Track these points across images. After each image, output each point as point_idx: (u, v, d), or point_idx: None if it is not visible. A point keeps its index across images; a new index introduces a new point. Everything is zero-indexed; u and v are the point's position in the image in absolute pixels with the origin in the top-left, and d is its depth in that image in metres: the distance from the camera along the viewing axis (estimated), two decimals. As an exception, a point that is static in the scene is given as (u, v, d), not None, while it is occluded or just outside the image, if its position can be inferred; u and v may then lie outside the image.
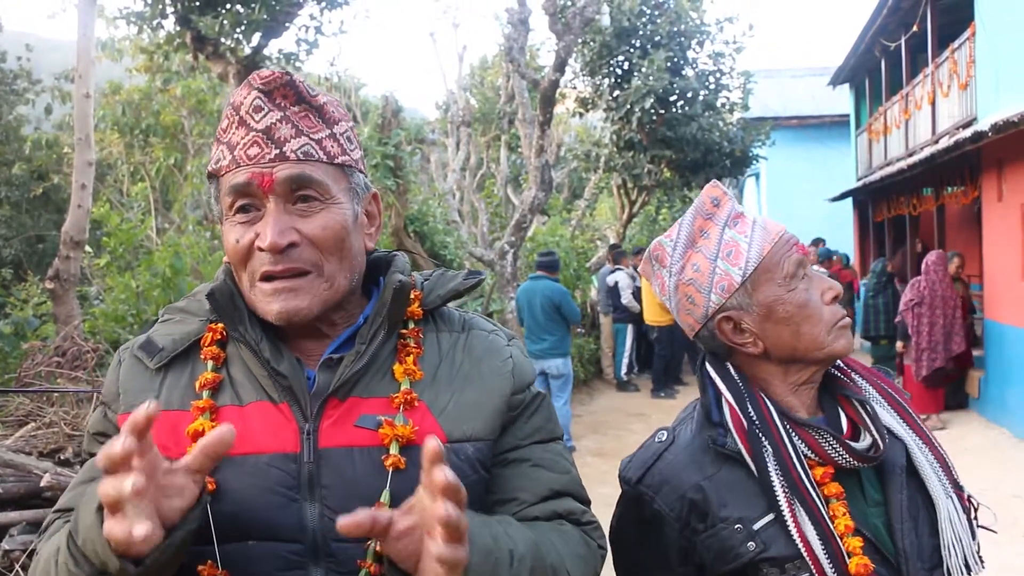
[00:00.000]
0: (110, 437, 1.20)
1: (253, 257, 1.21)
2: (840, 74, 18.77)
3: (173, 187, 16.10)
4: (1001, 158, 9.31)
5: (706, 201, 1.50)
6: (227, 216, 1.24)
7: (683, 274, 1.49)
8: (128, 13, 8.19)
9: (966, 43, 10.64)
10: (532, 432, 1.33)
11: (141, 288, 7.30)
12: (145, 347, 1.28)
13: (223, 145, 1.24)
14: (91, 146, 7.29)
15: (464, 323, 1.38)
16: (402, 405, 1.22)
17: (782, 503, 1.39)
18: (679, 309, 1.53)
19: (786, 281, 1.44)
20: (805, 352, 1.45)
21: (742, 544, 1.41)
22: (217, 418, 1.21)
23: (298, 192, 1.21)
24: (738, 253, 1.45)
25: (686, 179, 16.43)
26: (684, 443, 1.52)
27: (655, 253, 1.54)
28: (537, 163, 10.18)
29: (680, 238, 1.50)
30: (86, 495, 1.08)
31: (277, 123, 1.21)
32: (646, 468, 1.52)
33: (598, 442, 9.24)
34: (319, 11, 8.70)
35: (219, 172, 1.24)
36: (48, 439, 4.35)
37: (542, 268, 8.86)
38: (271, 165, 1.19)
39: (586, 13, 9.88)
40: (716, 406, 1.49)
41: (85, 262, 9.49)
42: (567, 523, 1.29)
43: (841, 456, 1.41)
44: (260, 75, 1.23)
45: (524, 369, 1.36)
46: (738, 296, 1.45)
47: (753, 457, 1.41)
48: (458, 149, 17.73)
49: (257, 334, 1.23)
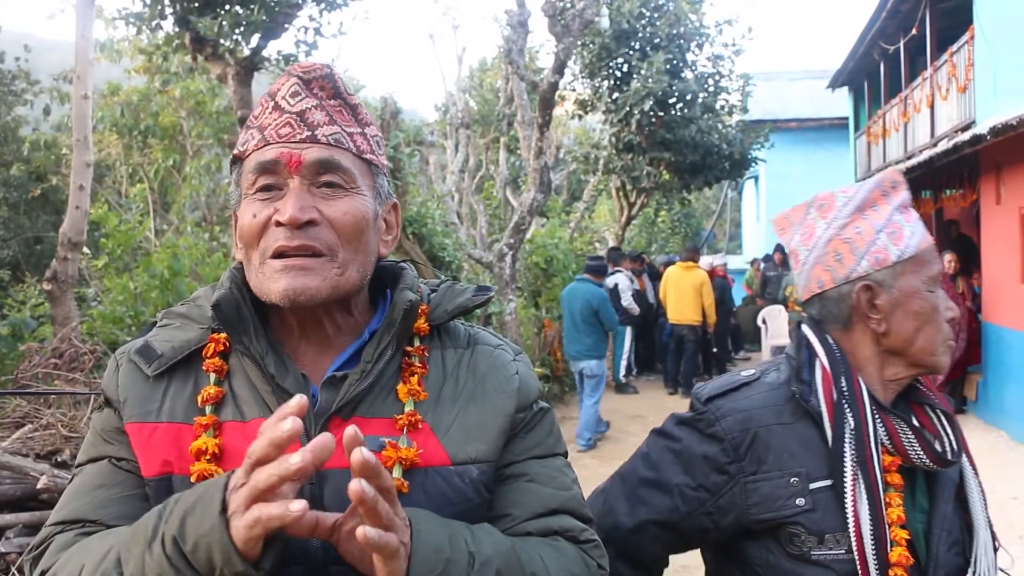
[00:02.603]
0: (123, 440, 1.21)
1: (268, 233, 1.18)
2: (839, 77, 18.78)
3: (172, 188, 16.07)
4: (999, 161, 9.31)
5: (887, 179, 1.54)
6: (247, 194, 1.21)
7: (844, 231, 1.51)
8: (127, 14, 8.17)
9: (965, 47, 10.65)
10: (530, 447, 1.30)
11: (139, 290, 7.28)
12: (143, 352, 1.25)
13: (253, 129, 1.22)
14: (89, 147, 7.28)
15: (469, 338, 1.34)
16: (406, 427, 1.19)
17: (847, 475, 1.42)
18: (816, 261, 1.54)
19: (928, 281, 1.50)
20: (917, 352, 1.50)
21: (791, 497, 1.45)
22: (220, 435, 1.18)
23: (324, 176, 1.19)
24: (901, 236, 1.49)
25: (685, 181, 16.44)
26: (768, 385, 1.56)
27: (821, 201, 1.56)
28: (536, 165, 10.17)
29: (854, 199, 1.53)
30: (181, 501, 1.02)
31: (312, 109, 1.20)
32: (722, 391, 1.57)
33: (596, 443, 9.22)
34: (318, 12, 8.68)
35: (245, 153, 1.22)
36: (45, 441, 4.34)
37: (588, 271, 9.35)
38: (300, 145, 1.18)
39: (585, 15, 9.87)
40: (808, 367, 1.53)
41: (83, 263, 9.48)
42: (563, 540, 1.24)
43: (915, 452, 1.45)
44: (300, 64, 1.23)
45: (529, 386, 1.32)
46: (886, 273, 1.48)
47: (833, 424, 1.45)
48: (457, 151, 17.74)
49: (263, 347, 1.20)
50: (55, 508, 1.22)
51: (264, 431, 0.96)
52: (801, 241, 1.57)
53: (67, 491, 1.23)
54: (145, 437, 1.19)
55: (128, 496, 1.19)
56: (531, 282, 12.95)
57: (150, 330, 1.30)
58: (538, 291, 12.86)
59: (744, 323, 16.27)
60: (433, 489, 1.18)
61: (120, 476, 1.21)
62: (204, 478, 1.13)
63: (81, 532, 1.16)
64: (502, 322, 9.88)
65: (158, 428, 1.19)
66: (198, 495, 1.01)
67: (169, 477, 1.17)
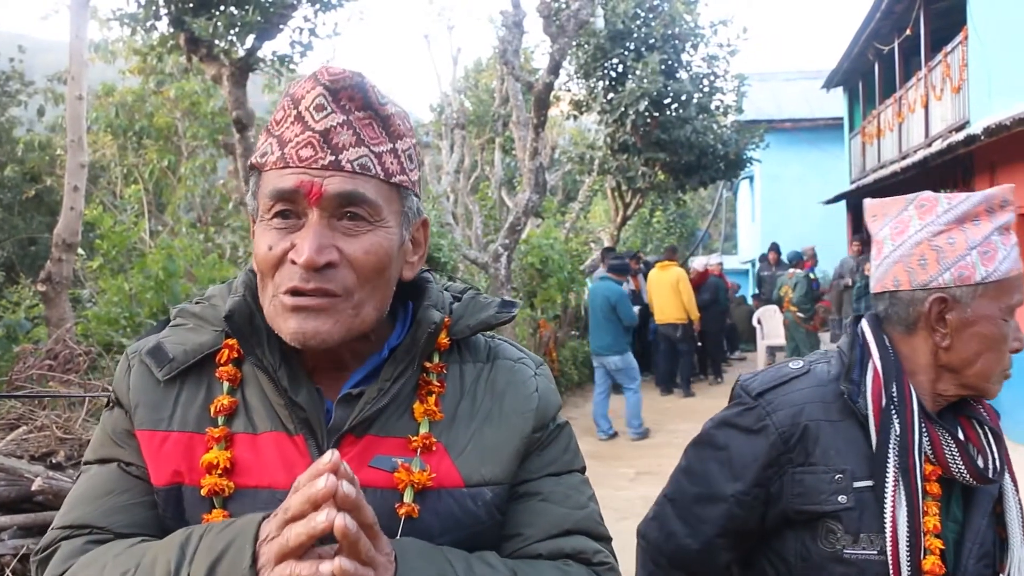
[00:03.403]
0: (133, 444, 1.18)
1: (283, 268, 1.10)
2: (834, 77, 18.82)
3: (167, 189, 16.05)
4: (994, 161, 9.34)
5: (997, 197, 1.50)
6: (263, 218, 1.13)
7: (936, 238, 1.48)
8: (121, 15, 8.16)
9: (959, 47, 10.68)
10: (545, 465, 1.24)
11: (134, 291, 7.27)
12: (154, 354, 1.20)
13: (273, 138, 1.12)
14: (84, 148, 7.28)
15: (489, 351, 1.28)
16: (420, 449, 1.15)
17: (888, 480, 1.43)
18: (899, 258, 1.51)
19: (1005, 310, 1.47)
20: (973, 375, 1.49)
21: (834, 494, 1.46)
22: (231, 446, 1.14)
23: (346, 208, 1.10)
24: (993, 257, 1.46)
25: (680, 182, 16.46)
26: (818, 379, 1.55)
27: (923, 201, 1.52)
28: (531, 166, 10.17)
29: (956, 208, 1.49)
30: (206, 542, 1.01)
31: (337, 127, 1.09)
32: (773, 385, 1.56)
33: (592, 444, 9.23)
34: (313, 13, 8.67)
35: (264, 166, 1.13)
36: (40, 443, 4.33)
37: (610, 270, 9.68)
38: (322, 173, 1.08)
39: (580, 16, 9.87)
40: (860, 367, 1.52)
41: (78, 264, 9.47)
42: (574, 563, 1.19)
43: (956, 465, 1.45)
44: (329, 71, 1.12)
45: (549, 403, 1.27)
46: (966, 291, 1.46)
47: (879, 430, 1.45)
48: (452, 151, 17.73)
49: (276, 360, 1.15)
50: (62, 509, 1.19)
51: (300, 487, 0.95)
52: (891, 234, 1.53)
53: (74, 492, 1.20)
54: (156, 446, 1.16)
55: (137, 504, 1.17)
56: (526, 283, 12.94)
57: (163, 328, 1.26)
58: (533, 292, 12.85)
59: (739, 323, 16.30)
60: (445, 511, 1.15)
61: (129, 482, 1.18)
62: (215, 492, 1.12)
63: (90, 540, 1.14)
64: (498, 323, 9.87)
65: (169, 437, 1.16)
66: (228, 541, 0.99)
67: (179, 488, 1.15)
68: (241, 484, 1.12)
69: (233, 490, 1.12)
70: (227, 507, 1.12)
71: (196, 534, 1.03)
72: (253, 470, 1.09)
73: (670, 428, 9.80)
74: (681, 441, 7.72)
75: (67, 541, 1.15)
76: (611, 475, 7.78)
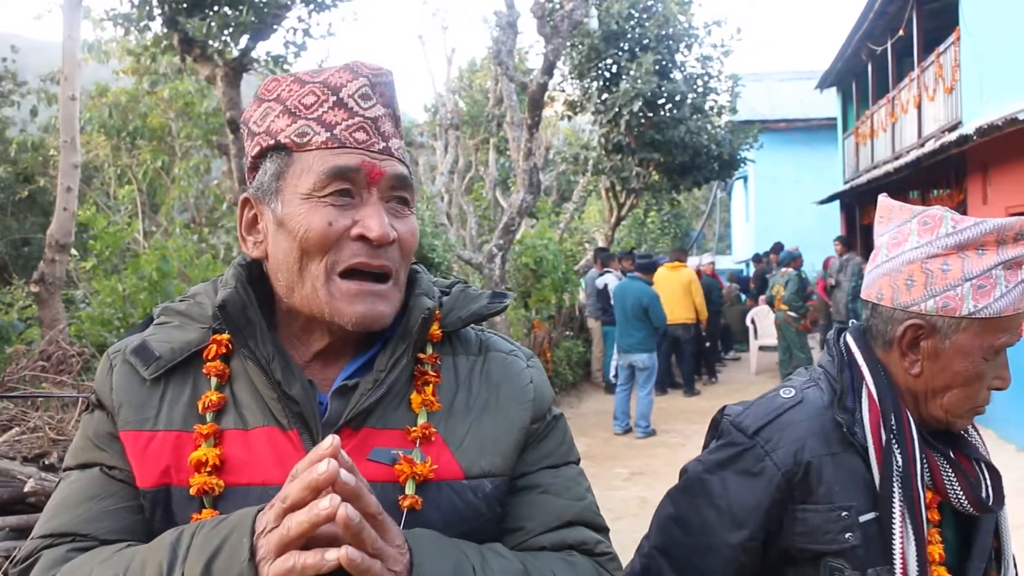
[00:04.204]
0: (116, 447, 1.14)
1: (342, 247, 1.11)
2: (827, 78, 18.88)
3: (160, 190, 16.01)
4: (986, 161, 9.37)
5: (1013, 228, 1.37)
6: (314, 196, 1.11)
7: (929, 261, 1.39)
8: (115, 15, 8.14)
9: (951, 48, 10.71)
10: (542, 457, 1.23)
11: (128, 292, 7.25)
12: (139, 353, 1.17)
13: (310, 120, 1.12)
14: (77, 149, 7.25)
15: (481, 345, 1.28)
16: (419, 440, 1.14)
17: (895, 515, 1.37)
18: (888, 272, 1.44)
19: (988, 349, 1.39)
20: (937, 406, 1.43)
21: (841, 532, 1.39)
22: (221, 444, 1.11)
23: (396, 192, 1.15)
24: (988, 293, 1.36)
25: (674, 182, 16.49)
26: (813, 409, 1.46)
27: (927, 217, 1.42)
28: (525, 166, 10.17)
29: (962, 233, 1.38)
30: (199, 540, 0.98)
31: (382, 117, 1.15)
32: (768, 420, 1.46)
33: (586, 444, 9.23)
34: (307, 13, 8.67)
35: (305, 146, 1.12)
36: (33, 444, 4.32)
37: (638, 270, 9.97)
38: (380, 156, 1.13)
39: (574, 16, 9.88)
40: (853, 393, 1.45)
41: (71, 265, 9.44)
42: (578, 554, 1.18)
43: (955, 493, 1.41)
44: (367, 65, 1.16)
45: (544, 394, 1.26)
46: (948, 322, 1.38)
47: (882, 463, 1.39)
48: (446, 152, 17.71)
49: (269, 352, 1.13)
50: (42, 518, 1.14)
51: (298, 474, 0.93)
52: (888, 243, 1.46)
53: (54, 499, 1.16)
54: (142, 446, 1.12)
55: (122, 508, 1.13)
56: (521, 283, 12.94)
57: (146, 327, 1.22)
58: (528, 292, 12.85)
59: (733, 323, 16.32)
60: (446, 504, 1.13)
61: (113, 487, 1.14)
62: (204, 492, 1.08)
63: (72, 547, 1.10)
64: (492, 323, 9.88)
65: (155, 436, 1.12)
66: (223, 537, 0.96)
67: (167, 488, 1.11)
68: (232, 482, 1.09)
69: (223, 488, 1.09)
70: (217, 506, 1.08)
71: (187, 532, 1.01)
72: (245, 467, 1.06)
73: (664, 428, 9.81)
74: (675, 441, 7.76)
75: (49, 550, 1.10)
76: (605, 475, 7.78)
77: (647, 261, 10.20)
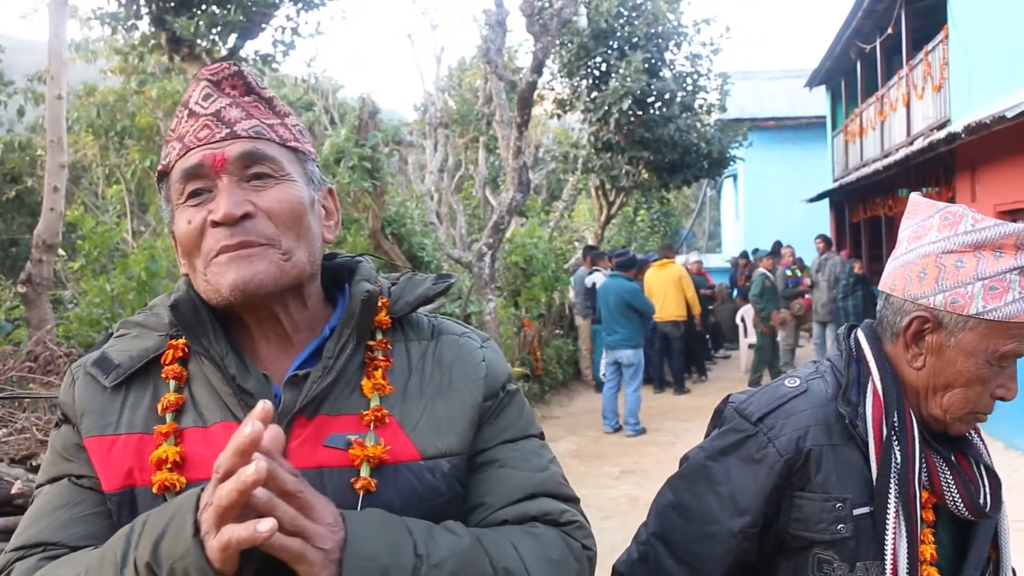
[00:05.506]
0: (82, 456, 1.17)
1: (207, 237, 1.15)
2: (816, 76, 18.92)
3: (149, 190, 15.93)
4: (974, 159, 9.40)
5: None
6: (178, 205, 1.19)
7: (944, 256, 1.39)
8: (102, 14, 8.11)
9: (939, 46, 10.75)
10: (499, 432, 1.25)
11: (116, 292, 7.22)
12: (100, 364, 1.21)
13: (172, 141, 1.20)
14: (64, 148, 7.21)
15: (433, 329, 1.31)
16: (372, 423, 1.16)
17: (890, 510, 1.38)
18: (904, 264, 1.44)
19: (994, 354, 1.38)
20: (938, 404, 1.43)
21: (834, 523, 1.40)
22: (181, 442, 1.14)
23: (251, 169, 1.17)
24: (999, 296, 1.35)
25: (664, 180, 16.51)
26: (817, 399, 1.47)
27: (949, 213, 1.42)
28: (515, 165, 10.17)
29: (981, 232, 1.37)
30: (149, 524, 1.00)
31: (227, 107, 1.19)
32: (771, 408, 1.47)
33: (576, 443, 9.25)
34: (295, 12, 8.66)
35: (168, 166, 1.20)
36: (20, 445, 4.29)
37: (617, 268, 10.14)
38: (222, 144, 1.16)
39: (563, 15, 9.88)
40: (858, 387, 1.46)
41: (59, 266, 9.39)
42: (541, 525, 1.19)
43: (951, 496, 1.41)
44: (207, 68, 1.22)
45: (497, 372, 1.28)
46: (954, 319, 1.38)
47: (880, 459, 1.40)
48: (436, 151, 17.68)
49: (222, 348, 1.17)
50: (16, 531, 1.17)
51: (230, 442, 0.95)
52: (909, 236, 1.46)
53: (27, 514, 1.19)
54: (105, 450, 1.16)
55: (90, 515, 1.16)
56: (510, 282, 12.95)
57: (106, 341, 1.27)
58: (517, 290, 12.85)
59: (723, 322, 16.34)
60: (404, 485, 1.15)
61: (81, 495, 1.17)
62: (166, 488, 1.10)
63: (44, 556, 1.12)
64: (482, 322, 9.87)
65: (118, 440, 1.16)
66: (169, 517, 0.99)
67: (132, 490, 1.14)
68: (193, 478, 1.11)
69: (185, 485, 1.11)
70: None
71: (140, 521, 1.03)
72: (205, 463, 1.06)
73: (654, 426, 9.81)
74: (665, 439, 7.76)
75: (21, 561, 1.13)
76: (595, 474, 7.79)
77: (624, 259, 10.31)
